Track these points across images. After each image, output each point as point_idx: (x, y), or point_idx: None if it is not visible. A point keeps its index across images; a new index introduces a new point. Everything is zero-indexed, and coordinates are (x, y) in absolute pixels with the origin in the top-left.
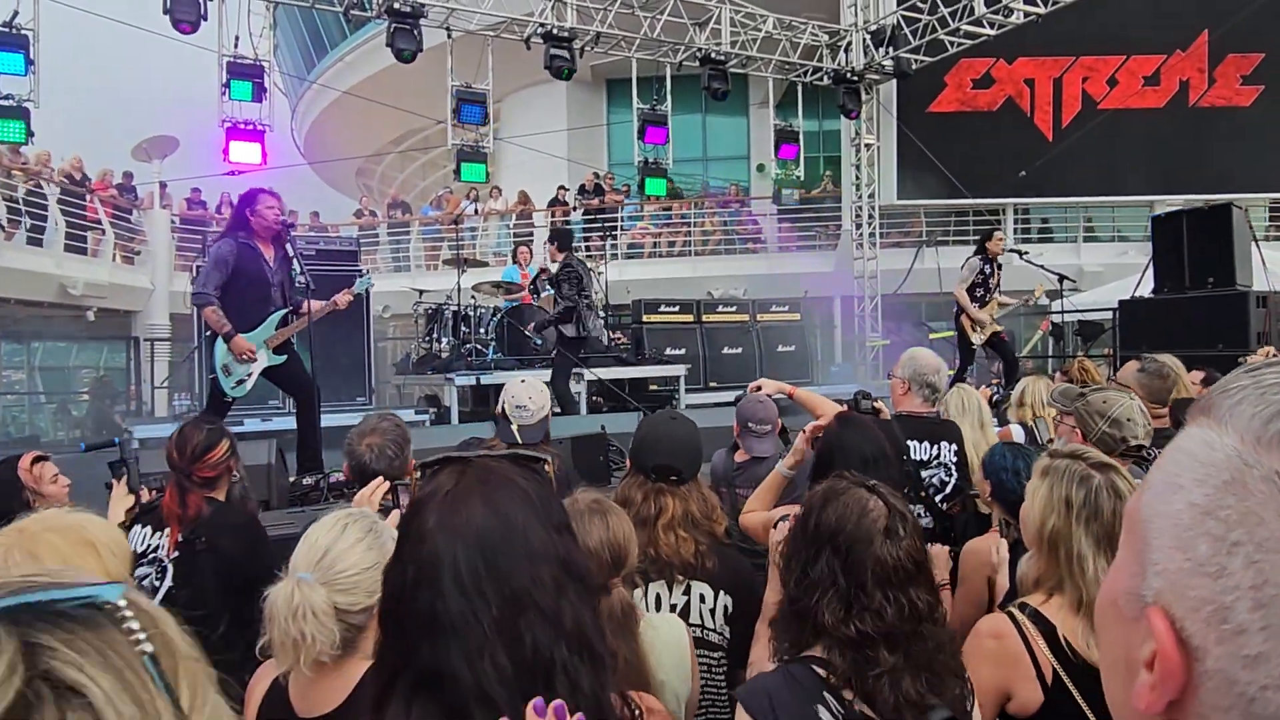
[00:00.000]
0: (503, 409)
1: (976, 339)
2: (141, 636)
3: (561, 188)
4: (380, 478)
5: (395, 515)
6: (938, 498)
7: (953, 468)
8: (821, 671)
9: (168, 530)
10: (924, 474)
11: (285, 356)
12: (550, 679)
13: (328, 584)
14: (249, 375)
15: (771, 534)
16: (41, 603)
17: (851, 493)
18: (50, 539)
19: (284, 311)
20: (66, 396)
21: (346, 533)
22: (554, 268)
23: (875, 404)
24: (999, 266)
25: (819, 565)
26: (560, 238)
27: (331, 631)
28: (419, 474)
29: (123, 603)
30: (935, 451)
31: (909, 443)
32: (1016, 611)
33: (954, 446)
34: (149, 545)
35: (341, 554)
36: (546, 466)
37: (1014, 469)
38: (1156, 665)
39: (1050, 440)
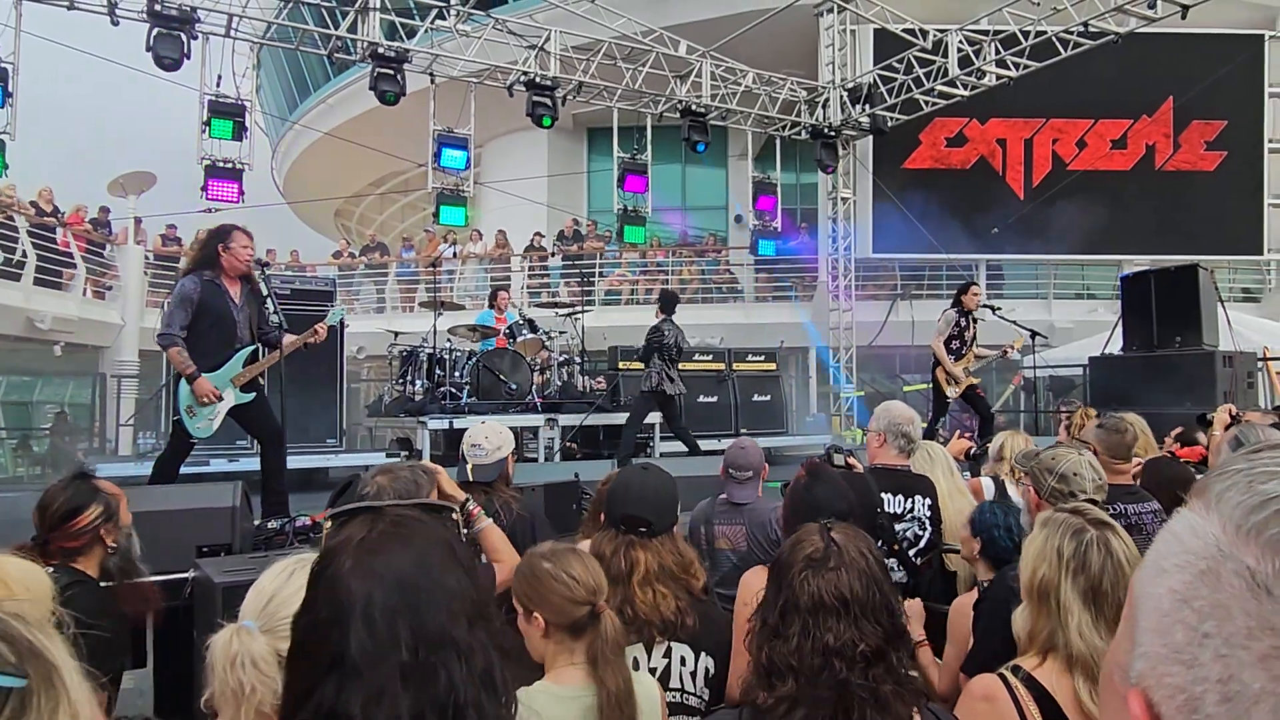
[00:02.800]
0: (461, 450)
1: (951, 392)
2: None
3: (537, 234)
4: None
5: None
6: (911, 551)
7: (927, 522)
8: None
9: None
10: (898, 527)
11: (253, 395)
12: (461, 718)
13: (271, 630)
14: (215, 416)
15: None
16: None
17: (805, 528)
18: None
19: (251, 348)
20: (29, 431)
21: (294, 578)
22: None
23: (848, 458)
24: (974, 320)
25: (767, 596)
26: (661, 300)
27: (273, 680)
28: (329, 524)
29: None
30: (909, 505)
31: (883, 495)
32: (1009, 674)
33: (928, 500)
34: None
35: (286, 600)
36: (454, 515)
37: (1005, 525)
38: None
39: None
